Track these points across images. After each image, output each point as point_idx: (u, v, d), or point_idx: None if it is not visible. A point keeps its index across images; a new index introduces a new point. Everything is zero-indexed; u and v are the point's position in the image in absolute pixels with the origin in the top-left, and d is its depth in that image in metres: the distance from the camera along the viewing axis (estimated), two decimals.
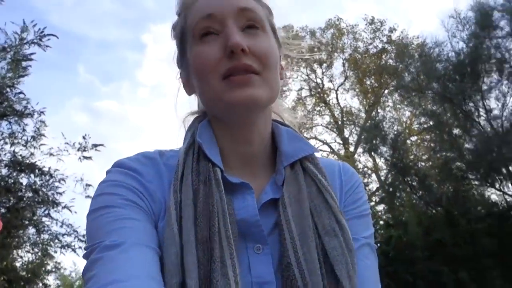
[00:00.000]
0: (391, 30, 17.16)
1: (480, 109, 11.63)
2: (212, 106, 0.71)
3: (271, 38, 0.73)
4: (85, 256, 0.59)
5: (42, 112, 7.52)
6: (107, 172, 0.69)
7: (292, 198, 0.69)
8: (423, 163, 13.64)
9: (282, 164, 0.73)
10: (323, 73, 17.86)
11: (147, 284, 0.54)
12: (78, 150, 7.65)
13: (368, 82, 17.63)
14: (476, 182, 11.26)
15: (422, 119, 13.86)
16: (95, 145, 7.75)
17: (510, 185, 10.66)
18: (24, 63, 7.60)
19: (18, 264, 7.79)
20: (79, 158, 7.66)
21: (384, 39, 17.22)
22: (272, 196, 0.70)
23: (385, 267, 8.73)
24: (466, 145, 11.87)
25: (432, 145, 13.18)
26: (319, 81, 17.98)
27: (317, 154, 0.78)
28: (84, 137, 7.70)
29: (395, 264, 8.83)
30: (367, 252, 0.72)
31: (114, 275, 0.53)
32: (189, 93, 0.79)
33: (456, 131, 12.15)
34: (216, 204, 0.63)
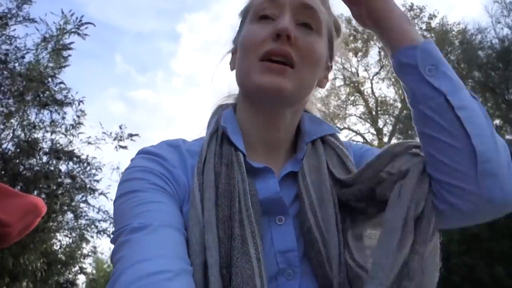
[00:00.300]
0: (431, 17, 16.52)
1: None
2: (242, 83, 0.74)
3: (322, 43, 0.74)
4: (112, 240, 0.61)
5: (81, 101, 7.76)
6: (132, 160, 0.71)
7: (311, 168, 0.72)
8: None
9: (304, 141, 0.76)
10: (358, 61, 17.50)
11: (174, 263, 0.54)
12: (115, 139, 7.88)
13: None
14: None
15: None
16: (130, 135, 7.95)
17: None
18: (64, 53, 7.86)
19: (56, 248, 8.17)
20: (115, 147, 7.90)
21: (424, 26, 16.61)
22: (291, 169, 0.73)
23: None
24: (508, 136, 11.37)
25: None
26: (354, 70, 17.64)
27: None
28: (120, 127, 7.92)
29: None
30: None
31: (141, 255, 0.54)
32: (232, 68, 0.81)
33: (497, 121, 11.65)
34: (237, 185, 0.65)
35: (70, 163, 7.54)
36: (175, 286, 0.51)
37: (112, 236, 0.62)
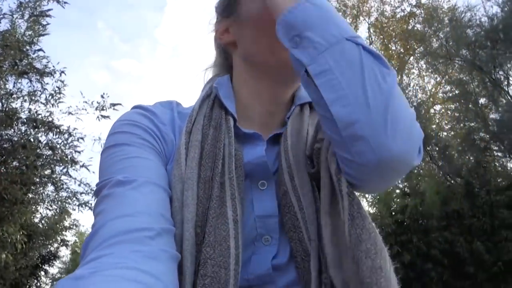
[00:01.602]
0: None
1: (510, 78, 11.15)
2: (260, 59, 0.71)
3: None
4: (95, 193, 0.59)
5: (63, 72, 7.56)
6: (123, 113, 0.70)
7: (293, 130, 0.70)
8: (445, 133, 13.31)
9: (294, 105, 0.75)
10: None
11: (157, 222, 0.53)
12: (96, 109, 7.71)
13: (393, 48, 17.03)
14: (499, 154, 10.94)
15: (448, 88, 13.42)
16: (113, 104, 7.78)
17: None
18: (43, 21, 7.59)
19: (36, 220, 8.08)
20: (97, 117, 7.74)
21: (413, 2, 16.47)
22: (277, 131, 0.72)
23: (399, 235, 8.70)
24: (492, 115, 11.47)
25: (456, 114, 12.78)
26: None
27: None
28: (102, 96, 7.74)
29: (409, 233, 8.78)
30: None
31: (124, 210, 0.53)
32: (224, 41, 0.77)
33: (482, 100, 11.73)
34: (223, 148, 0.64)
35: (50, 134, 7.39)
36: (156, 244, 0.50)
37: (95, 187, 0.60)
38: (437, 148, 11.32)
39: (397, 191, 10.05)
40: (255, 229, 0.64)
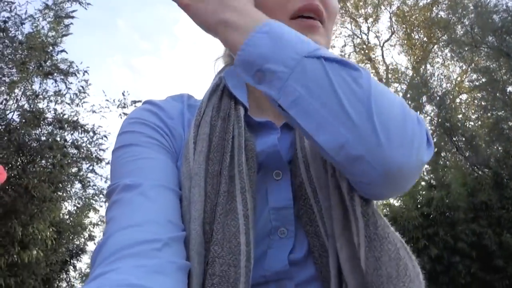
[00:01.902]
0: None
1: None
2: None
3: None
4: (107, 196, 0.59)
5: (86, 72, 7.72)
6: (133, 110, 0.69)
7: None
8: (471, 123, 12.96)
9: None
10: (368, 28, 17.03)
11: (165, 230, 0.52)
12: (118, 107, 7.86)
13: (416, 37, 16.65)
14: None
15: (474, 76, 13.07)
16: (134, 102, 7.95)
17: None
18: (66, 21, 7.75)
19: (66, 217, 8.30)
20: (119, 114, 7.88)
21: None
22: None
23: (426, 228, 8.55)
24: None
25: (483, 103, 12.43)
26: (364, 37, 17.20)
27: None
28: (123, 94, 7.89)
29: (435, 226, 8.61)
30: None
31: (130, 219, 0.52)
32: None
33: (510, 88, 11.37)
34: (233, 139, 0.61)
35: (76, 133, 7.56)
36: (163, 256, 0.49)
37: (106, 191, 0.60)
38: (463, 139, 11.04)
39: (423, 183, 9.86)
40: (269, 221, 0.61)
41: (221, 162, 0.59)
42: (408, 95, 14.29)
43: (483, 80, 11.90)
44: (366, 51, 16.99)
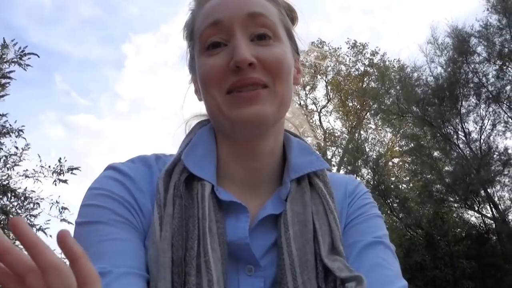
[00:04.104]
0: (373, 53, 17.49)
1: (459, 132, 11.85)
2: (217, 121, 0.66)
3: (284, 44, 0.66)
4: None
5: (21, 131, 7.37)
6: (99, 176, 0.64)
7: (295, 217, 0.63)
8: (404, 185, 13.72)
9: (289, 177, 0.67)
10: (306, 95, 18.03)
11: None
12: (53, 173, 7.49)
13: (350, 104, 17.84)
14: (455, 205, 11.36)
15: (403, 142, 14.02)
16: (71, 169, 7.57)
17: (488, 207, 10.78)
18: (3, 81, 7.49)
19: None
20: (54, 181, 7.50)
21: (366, 62, 17.53)
22: (271, 211, 0.64)
23: None
24: (446, 168, 12.00)
25: (413, 167, 13.29)
26: (302, 103, 18.12)
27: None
28: (59, 160, 7.55)
29: None
30: (381, 248, 0.65)
31: None
32: (200, 99, 0.72)
33: (436, 153, 12.30)
34: (198, 222, 0.57)
35: (4, 198, 7.07)
36: None
37: None
38: (397, 201, 11.61)
39: None
40: None
41: (185, 248, 0.56)
42: (345, 159, 14.99)
43: (411, 145, 12.81)
44: (305, 116, 17.78)
